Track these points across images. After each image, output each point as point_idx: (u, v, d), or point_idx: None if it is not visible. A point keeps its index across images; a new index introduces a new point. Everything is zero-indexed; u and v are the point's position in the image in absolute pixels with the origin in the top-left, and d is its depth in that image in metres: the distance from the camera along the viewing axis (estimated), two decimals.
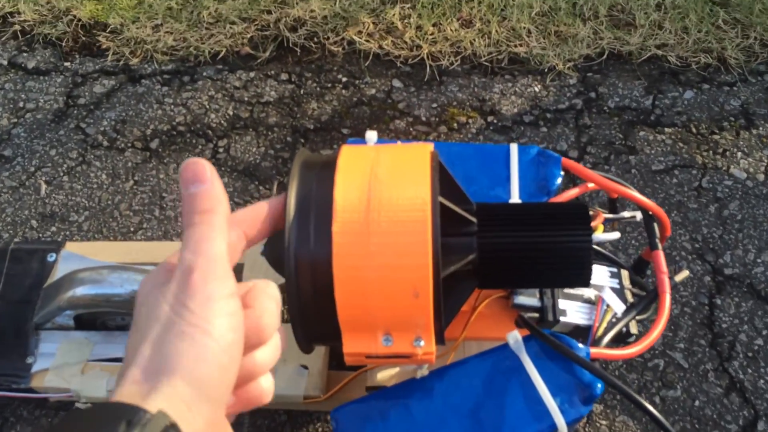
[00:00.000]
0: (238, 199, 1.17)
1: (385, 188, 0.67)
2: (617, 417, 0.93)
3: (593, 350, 0.74)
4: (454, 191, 0.71)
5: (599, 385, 0.72)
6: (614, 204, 0.91)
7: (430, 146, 0.72)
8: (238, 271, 0.92)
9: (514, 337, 0.75)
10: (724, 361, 0.95)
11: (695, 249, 1.05)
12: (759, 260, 1.03)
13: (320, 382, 0.83)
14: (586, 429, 0.92)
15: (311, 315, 0.68)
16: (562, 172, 0.88)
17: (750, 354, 0.96)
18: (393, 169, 0.69)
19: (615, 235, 0.77)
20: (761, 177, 1.11)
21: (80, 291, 0.86)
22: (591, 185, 0.86)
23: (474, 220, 0.70)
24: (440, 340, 0.69)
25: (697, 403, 0.93)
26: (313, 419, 0.95)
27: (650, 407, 0.69)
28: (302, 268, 0.65)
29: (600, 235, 0.76)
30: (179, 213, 1.16)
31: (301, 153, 0.73)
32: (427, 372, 0.74)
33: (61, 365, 0.89)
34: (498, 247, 0.70)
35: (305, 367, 0.84)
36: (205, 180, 0.36)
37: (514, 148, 0.90)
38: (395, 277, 0.64)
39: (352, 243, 0.64)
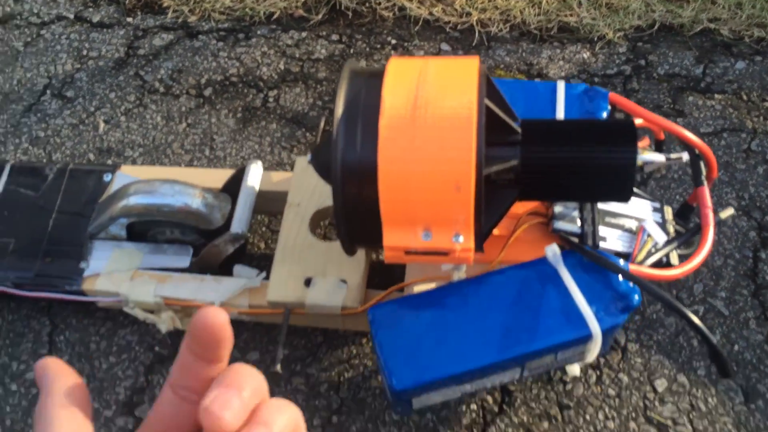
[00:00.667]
0: (285, 144, 1.20)
1: (432, 89, 0.69)
2: (653, 356, 0.92)
3: (632, 267, 0.74)
4: (500, 102, 0.73)
5: (636, 296, 0.72)
6: (661, 147, 0.91)
7: (477, 58, 0.74)
8: (281, 199, 0.95)
9: (553, 249, 0.76)
10: (766, 310, 0.94)
11: (741, 206, 1.04)
12: None
13: (358, 295, 0.85)
14: (621, 365, 0.92)
15: (355, 214, 0.71)
16: (609, 107, 0.88)
17: None
18: (441, 75, 0.71)
19: (660, 156, 0.77)
20: None
21: (133, 200, 0.90)
22: (639, 121, 0.86)
23: (518, 129, 0.72)
24: (479, 241, 0.70)
25: (736, 347, 0.91)
26: (348, 342, 0.97)
27: (691, 314, 0.69)
28: (348, 168, 0.68)
29: (645, 155, 0.77)
30: (228, 153, 1.20)
31: (350, 62, 0.76)
32: (464, 275, 0.75)
33: (112, 271, 0.92)
34: (541, 157, 0.71)
35: (344, 282, 0.86)
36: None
37: (561, 84, 0.91)
38: (438, 170, 0.66)
39: (398, 137, 0.67)
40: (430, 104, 0.68)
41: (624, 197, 0.71)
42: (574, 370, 0.85)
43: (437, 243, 0.68)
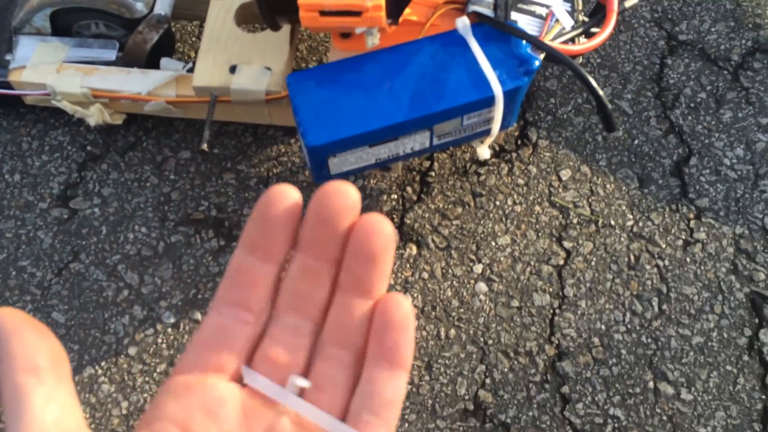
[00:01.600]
0: None
1: None
2: (560, 151, 0.99)
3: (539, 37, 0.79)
4: None
5: (537, 62, 0.77)
6: None
7: None
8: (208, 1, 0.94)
9: (463, 21, 0.80)
10: (666, 109, 1.01)
11: (654, 18, 1.09)
12: (713, 29, 1.07)
13: (282, 81, 0.88)
14: (531, 158, 0.99)
15: None
16: None
17: (692, 105, 1.01)
18: None
19: None
20: None
21: None
22: None
23: None
24: (391, 6, 0.73)
25: (636, 141, 0.99)
26: (277, 142, 1.01)
27: (581, 69, 0.75)
28: None
29: None
30: None
31: None
32: (378, 42, 0.78)
33: (37, 63, 0.93)
34: None
35: (269, 69, 0.89)
36: None
37: None
38: None
39: None
40: None
41: None
42: (484, 153, 0.91)
43: (350, 0, 0.71)
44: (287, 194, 0.25)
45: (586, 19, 0.90)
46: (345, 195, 0.24)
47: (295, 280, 0.26)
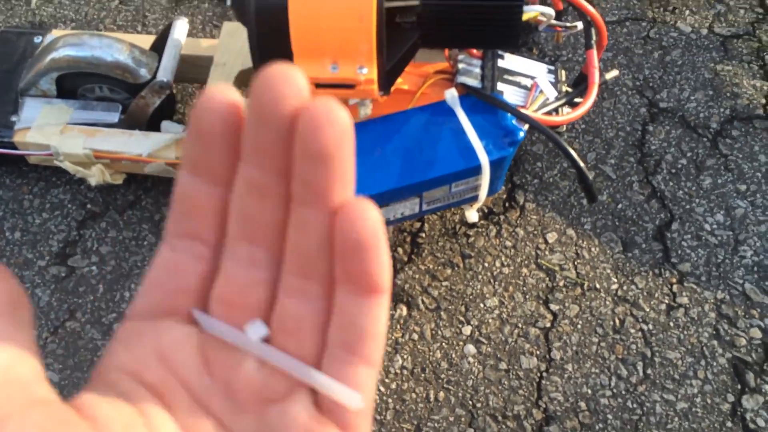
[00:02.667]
0: (217, 22, 1.24)
1: None
2: (546, 214, 1.02)
3: (522, 109, 0.83)
4: None
5: (521, 132, 0.81)
6: (560, 16, 0.99)
7: None
8: (209, 65, 0.99)
9: (451, 93, 0.84)
10: (649, 174, 1.05)
11: (636, 86, 1.14)
12: (693, 97, 1.12)
13: None
14: (518, 221, 1.01)
15: (269, 50, 0.77)
16: None
17: (673, 170, 1.05)
18: None
19: (550, 10, 0.85)
20: (704, 31, 1.20)
21: (62, 52, 0.94)
22: None
23: None
24: (383, 77, 0.77)
25: (620, 206, 1.02)
26: None
27: (563, 142, 0.78)
28: (261, 5, 0.74)
29: (537, 6, 0.84)
30: (159, 29, 1.23)
31: None
32: (370, 112, 0.82)
33: (42, 125, 0.96)
34: (439, 2, 0.78)
35: None
36: None
37: None
38: (343, 1, 0.72)
39: None
40: None
41: (512, 42, 0.79)
42: (472, 216, 0.94)
43: (344, 74, 0.75)
44: (223, 97, 0.20)
45: (570, 89, 0.94)
46: (289, 80, 0.19)
47: (241, 199, 0.21)
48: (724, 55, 1.16)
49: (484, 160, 0.78)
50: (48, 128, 0.97)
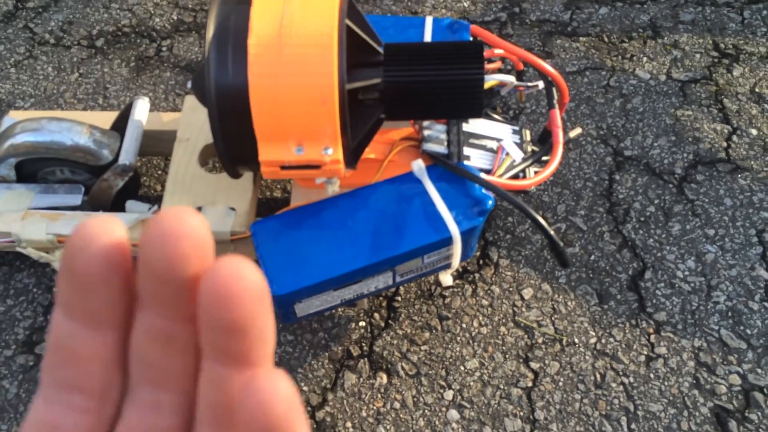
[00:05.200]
0: (179, 91, 1.23)
1: (297, 12, 0.75)
2: (521, 269, 1.02)
3: (488, 177, 0.83)
4: (363, 25, 0.79)
5: (490, 202, 0.81)
6: (520, 76, 1.00)
7: None
8: (173, 139, 0.98)
9: (418, 164, 0.84)
10: (618, 224, 1.06)
11: (600, 135, 1.15)
12: (656, 144, 1.14)
13: (246, 220, 0.91)
14: (493, 278, 1.01)
15: (231, 132, 0.76)
16: (471, 38, 0.96)
17: (642, 219, 1.06)
18: (306, 1, 0.77)
19: (510, 77, 0.86)
20: (663, 77, 1.22)
21: (20, 138, 0.92)
22: (498, 51, 0.95)
23: (381, 50, 0.79)
24: (348, 155, 0.77)
25: (592, 257, 1.03)
26: None
27: (533, 212, 0.78)
28: (221, 88, 0.73)
29: (496, 75, 0.85)
30: (122, 101, 1.22)
31: None
32: (338, 189, 0.81)
33: (2, 212, 0.94)
34: (400, 76, 0.78)
35: (233, 209, 0.91)
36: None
37: (429, 19, 0.98)
38: (304, 85, 0.72)
39: (266, 54, 0.72)
40: (294, 24, 0.74)
41: (476, 112, 0.79)
42: (447, 280, 0.93)
43: (309, 156, 0.74)
44: (103, 233, 0.18)
45: (536, 148, 0.95)
46: (185, 232, 0.17)
47: (142, 345, 0.19)
48: (683, 100, 1.19)
49: (454, 231, 0.78)
50: (9, 215, 0.94)
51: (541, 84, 0.94)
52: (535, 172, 0.91)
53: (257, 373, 0.18)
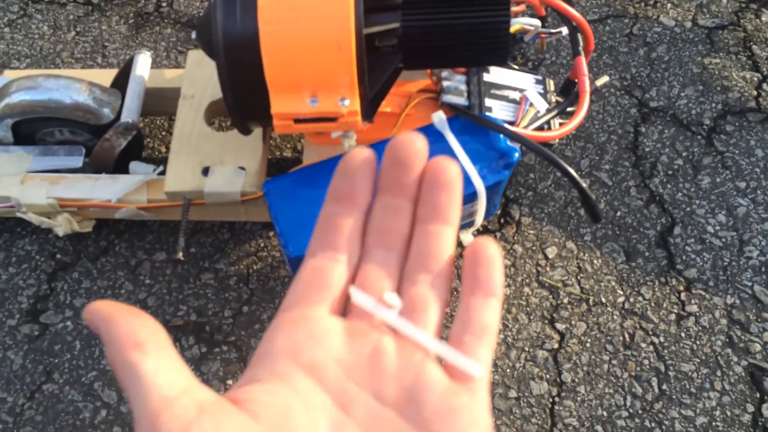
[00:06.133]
0: (182, 48, 1.17)
1: None
2: (544, 227, 0.98)
3: (513, 127, 0.78)
4: None
5: (516, 154, 0.76)
6: (543, 22, 0.94)
7: None
8: (177, 97, 0.93)
9: (439, 116, 0.79)
10: (645, 178, 1.01)
11: (624, 86, 1.10)
12: (683, 94, 1.08)
13: (257, 180, 0.86)
14: (515, 237, 0.97)
15: (241, 85, 0.71)
16: None
17: (670, 172, 1.01)
18: None
19: (535, 21, 0.81)
20: (689, 24, 1.16)
21: (16, 97, 0.87)
22: None
23: None
24: (366, 106, 0.72)
25: (619, 213, 0.98)
26: (255, 236, 0.98)
27: (563, 163, 0.74)
28: (230, 37, 0.68)
29: (521, 18, 0.79)
30: (121, 60, 1.17)
31: None
32: (354, 143, 0.76)
33: (0, 176, 0.90)
34: (420, 20, 0.73)
35: (242, 168, 0.87)
36: None
37: None
38: (319, 30, 0.67)
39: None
40: None
41: (501, 58, 0.74)
42: (468, 239, 0.89)
43: (324, 107, 0.69)
44: (364, 151, 0.29)
45: (559, 99, 0.90)
46: (415, 142, 0.29)
47: (378, 217, 0.29)
48: (710, 48, 1.13)
49: (479, 186, 0.74)
50: (7, 179, 0.90)
51: (565, 30, 0.88)
52: (560, 124, 0.86)
53: (475, 242, 0.28)
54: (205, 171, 0.86)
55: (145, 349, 0.23)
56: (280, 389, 0.24)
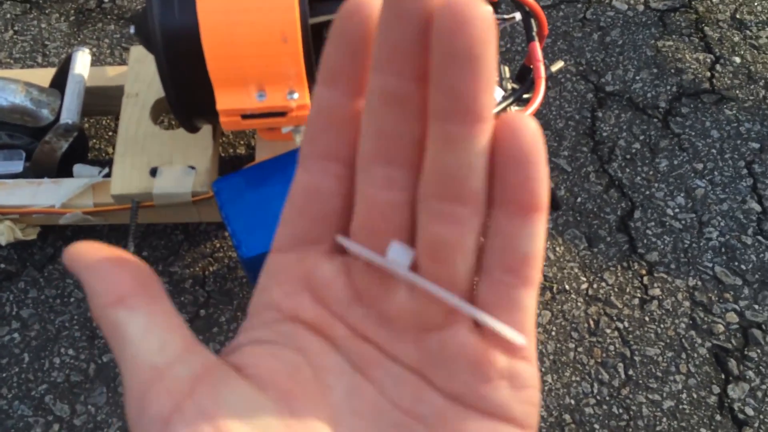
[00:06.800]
0: (126, 44, 1.13)
1: None
2: None
3: None
4: None
5: None
6: (496, 8, 0.93)
7: None
8: (121, 95, 0.90)
9: None
10: (604, 163, 1.00)
11: (579, 71, 1.09)
12: (637, 78, 1.08)
13: (208, 180, 0.83)
14: None
15: (183, 80, 0.68)
16: None
17: (628, 156, 1.01)
18: None
19: (488, 7, 0.79)
20: (641, 7, 1.16)
21: None
22: None
23: None
24: None
25: (579, 199, 0.98)
26: (210, 237, 0.95)
27: None
28: (168, 30, 0.65)
29: None
30: (62, 59, 1.12)
31: None
32: None
33: None
34: None
35: (192, 168, 0.83)
36: None
37: None
38: (262, 21, 0.64)
39: None
40: None
41: None
42: None
43: (272, 102, 0.66)
44: (365, 5, 0.19)
45: (516, 86, 0.88)
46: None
47: (375, 114, 0.19)
48: (663, 30, 1.13)
49: None
50: None
51: (518, 16, 0.87)
52: (517, 111, 0.84)
53: (503, 119, 0.18)
54: (153, 172, 0.83)
55: (132, 304, 0.19)
56: (285, 352, 0.21)
